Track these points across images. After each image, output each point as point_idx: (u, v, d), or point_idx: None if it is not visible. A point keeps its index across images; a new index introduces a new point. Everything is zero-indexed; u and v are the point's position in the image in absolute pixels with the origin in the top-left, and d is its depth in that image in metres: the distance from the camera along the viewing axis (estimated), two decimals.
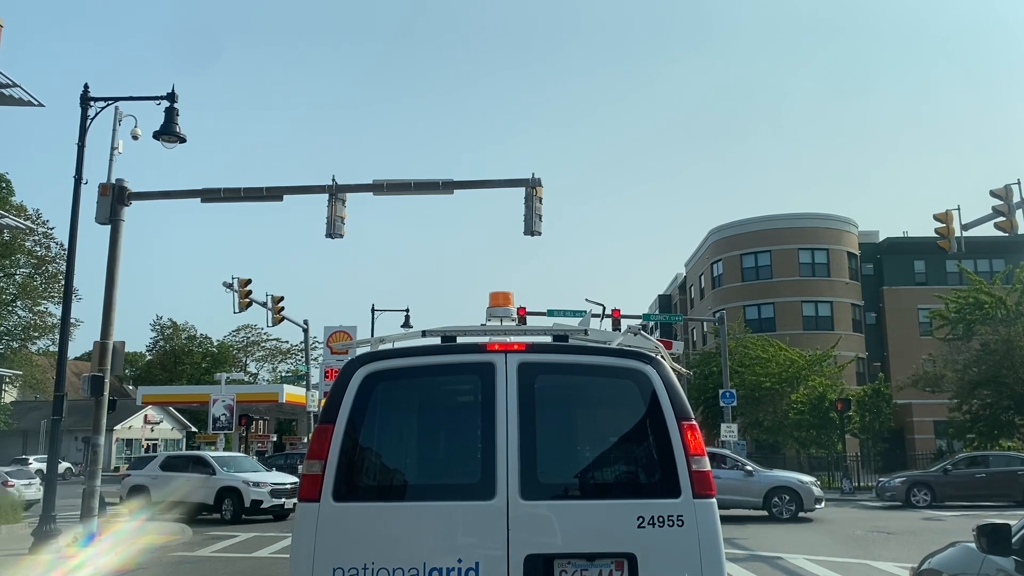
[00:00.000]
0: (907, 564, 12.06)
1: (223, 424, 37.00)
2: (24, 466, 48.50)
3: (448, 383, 5.09)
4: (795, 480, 22.09)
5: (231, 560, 14.37)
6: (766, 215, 54.55)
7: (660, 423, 4.70)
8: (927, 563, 5.81)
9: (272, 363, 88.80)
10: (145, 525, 18.85)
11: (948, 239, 20.60)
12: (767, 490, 21.41)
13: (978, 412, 34.23)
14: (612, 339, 5.61)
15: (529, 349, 4.91)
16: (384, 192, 17.77)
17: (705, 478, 4.62)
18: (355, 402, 4.74)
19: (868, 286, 54.28)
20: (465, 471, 4.76)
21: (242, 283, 28.80)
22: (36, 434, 56.80)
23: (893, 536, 17.19)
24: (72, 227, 16.78)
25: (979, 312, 34.33)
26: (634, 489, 4.77)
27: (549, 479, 4.66)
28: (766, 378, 41.11)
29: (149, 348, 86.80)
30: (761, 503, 21.38)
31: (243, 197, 18.17)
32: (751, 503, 21.57)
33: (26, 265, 53.01)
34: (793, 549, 14.65)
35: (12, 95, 20.58)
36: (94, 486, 15.81)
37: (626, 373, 4.84)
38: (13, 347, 54.48)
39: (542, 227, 17.38)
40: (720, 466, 21.95)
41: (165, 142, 17.23)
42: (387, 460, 4.98)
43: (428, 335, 5.30)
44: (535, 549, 4.47)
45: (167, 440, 72.94)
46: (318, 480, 4.60)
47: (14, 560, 14.05)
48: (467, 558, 4.45)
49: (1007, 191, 18.93)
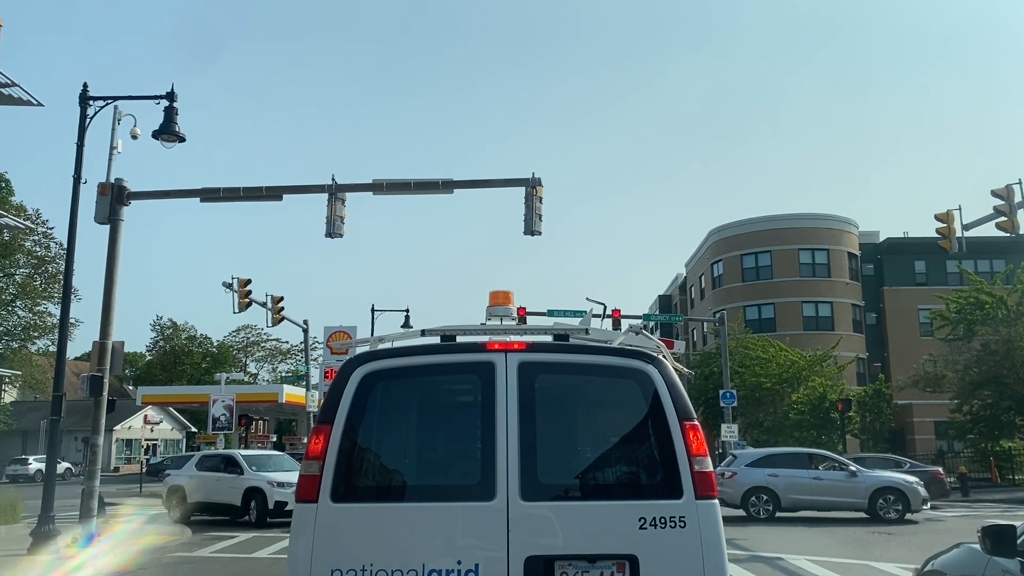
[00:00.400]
0: (908, 565, 12.02)
1: (223, 424, 36.92)
2: (23, 465, 48.68)
3: (447, 383, 5.06)
4: (901, 480, 21.25)
5: (230, 561, 14.32)
6: (766, 215, 54.53)
7: (662, 423, 4.66)
8: (931, 564, 5.76)
9: (272, 363, 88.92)
10: (145, 526, 18.83)
11: (949, 239, 20.55)
12: (872, 491, 20.59)
13: (979, 412, 34.20)
14: (613, 338, 5.56)
15: (529, 348, 4.87)
16: (384, 192, 17.73)
17: (707, 479, 4.58)
18: (353, 402, 4.70)
19: (868, 286, 54.23)
20: (465, 471, 4.72)
21: (242, 283, 28.75)
22: (36, 434, 56.77)
23: (894, 537, 17.14)
24: (71, 227, 16.73)
25: (980, 312, 34.28)
26: (636, 490, 4.73)
27: (550, 480, 4.62)
28: (766, 378, 41.09)
29: (149, 348, 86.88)
30: (866, 505, 20.58)
31: (242, 197, 18.13)
32: (855, 505, 20.84)
33: (26, 265, 52.96)
34: (794, 550, 14.60)
35: (11, 94, 20.53)
36: (93, 486, 15.75)
37: (628, 373, 4.80)
38: (13, 347, 54.45)
39: (542, 227, 17.35)
40: (821, 467, 21.59)
41: (164, 141, 17.19)
42: (386, 460, 4.94)
43: (427, 334, 5.25)
44: (535, 551, 4.43)
45: (167, 440, 72.94)
46: (316, 481, 4.56)
47: (13, 561, 13.99)
48: (467, 559, 4.41)
49: (1008, 191, 18.88)
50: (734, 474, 21.70)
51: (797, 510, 21.24)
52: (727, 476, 21.63)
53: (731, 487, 21.27)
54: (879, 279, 54.74)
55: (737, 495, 21.23)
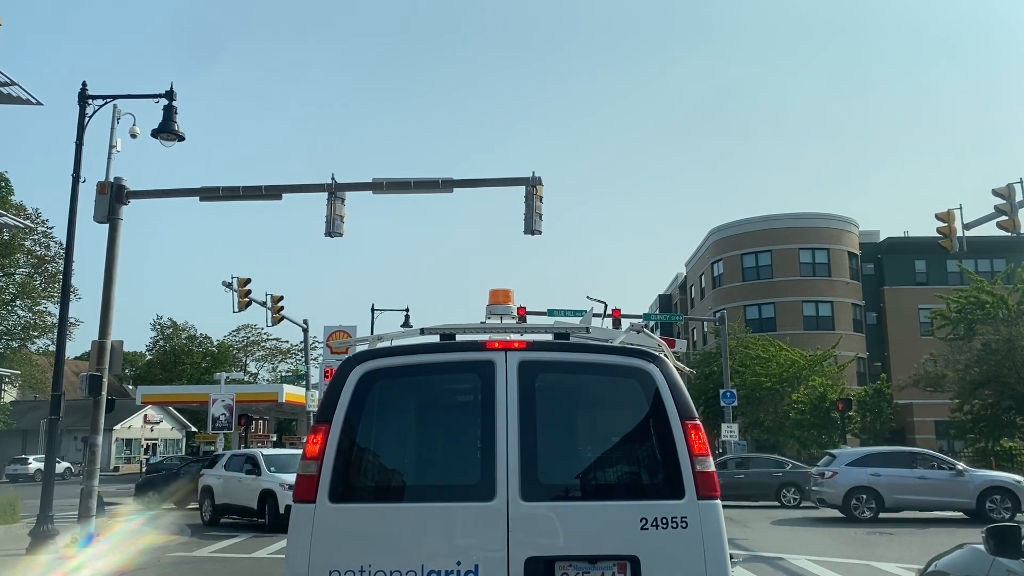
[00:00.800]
0: (910, 565, 11.99)
1: (222, 424, 36.91)
2: (23, 465, 48.62)
3: (447, 381, 5.01)
4: (1011, 480, 20.82)
5: (230, 560, 14.30)
6: (766, 215, 54.51)
7: (663, 423, 4.62)
8: (934, 565, 5.71)
9: (272, 363, 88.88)
10: (144, 526, 18.80)
11: (950, 238, 20.50)
12: (981, 491, 20.11)
13: (979, 412, 34.16)
14: (614, 337, 5.51)
15: (530, 347, 4.83)
16: (384, 191, 17.68)
17: (709, 479, 4.53)
18: (352, 401, 4.66)
19: (869, 286, 54.20)
20: (464, 471, 4.68)
21: (241, 282, 28.70)
22: (35, 434, 56.73)
23: (895, 536, 17.11)
24: (70, 226, 16.71)
25: (980, 312, 34.25)
26: (637, 490, 4.69)
27: (550, 479, 4.58)
28: (767, 378, 41.08)
29: (149, 348, 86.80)
30: (974, 505, 20.09)
31: (242, 196, 18.09)
32: (961, 505, 20.42)
33: (25, 264, 52.88)
34: (795, 550, 14.57)
35: (11, 93, 20.49)
36: (92, 486, 15.71)
37: (629, 371, 4.76)
38: (12, 347, 54.38)
39: (542, 226, 17.29)
40: (927, 466, 21.18)
41: (164, 140, 17.14)
42: (385, 460, 4.90)
43: (427, 333, 5.20)
44: (536, 551, 4.39)
45: (166, 440, 72.93)
46: (314, 481, 4.53)
47: (12, 561, 13.95)
48: (466, 560, 4.37)
49: (1009, 190, 18.83)
50: (834, 474, 21.02)
51: (900, 510, 20.68)
52: (827, 476, 21.05)
53: (832, 487, 20.73)
54: (879, 279, 54.72)
55: (839, 496, 20.60)
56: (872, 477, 20.72)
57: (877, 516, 20.30)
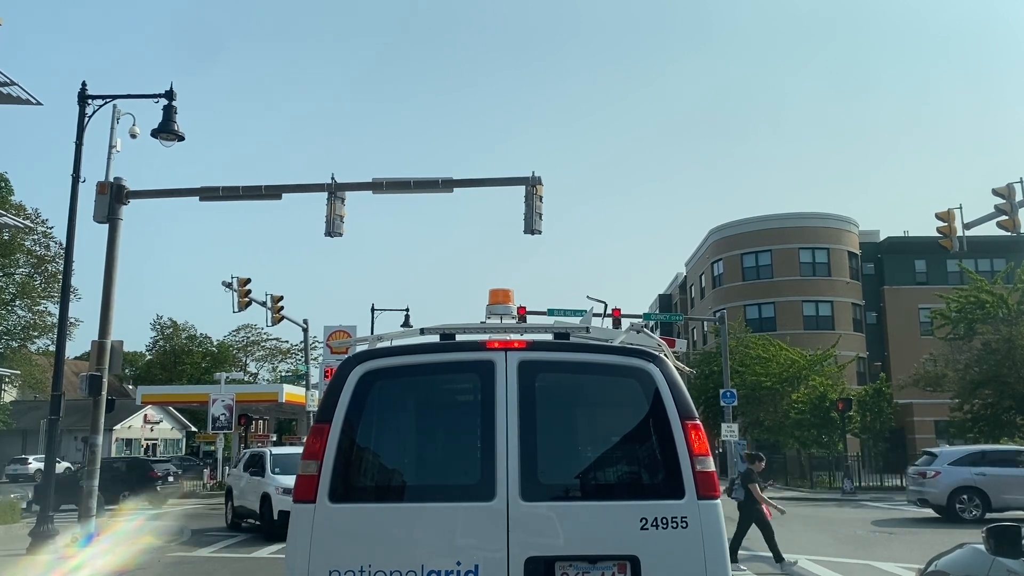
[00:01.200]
0: (910, 565, 11.98)
1: (222, 424, 36.93)
2: (22, 465, 48.64)
3: (447, 381, 5.00)
4: None
5: (229, 560, 14.30)
6: (766, 215, 54.49)
7: (663, 422, 4.61)
8: (934, 564, 5.72)
9: (272, 363, 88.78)
10: (144, 525, 18.80)
11: (950, 238, 20.48)
12: None
13: (979, 412, 34.13)
14: (614, 337, 5.51)
15: (530, 347, 4.82)
16: (384, 191, 17.68)
17: (710, 479, 4.53)
18: (352, 401, 4.65)
19: (869, 285, 54.19)
20: (464, 471, 4.67)
21: (241, 282, 28.69)
22: (35, 434, 56.70)
23: (895, 536, 17.10)
24: (70, 226, 16.72)
25: (980, 311, 34.22)
26: (637, 490, 4.69)
27: (550, 480, 4.58)
28: (767, 378, 41.06)
29: (149, 348, 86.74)
30: None
31: (242, 196, 18.08)
32: None
33: (25, 264, 52.87)
34: (795, 550, 14.54)
35: (10, 93, 20.50)
36: (92, 486, 15.72)
37: (629, 371, 4.76)
38: (12, 347, 54.39)
39: (542, 226, 17.28)
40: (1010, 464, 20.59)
41: (163, 140, 17.14)
42: (384, 460, 4.89)
43: (427, 332, 5.20)
44: (536, 551, 4.39)
45: (166, 440, 72.90)
46: (314, 481, 4.52)
47: (12, 561, 13.96)
48: (466, 560, 4.37)
49: (1009, 190, 18.82)
50: (937, 473, 20.35)
51: (1007, 510, 19.95)
52: (929, 476, 20.39)
53: (935, 487, 20.07)
54: (879, 278, 54.71)
55: (943, 496, 19.95)
56: (977, 476, 19.98)
57: (983, 517, 19.40)
